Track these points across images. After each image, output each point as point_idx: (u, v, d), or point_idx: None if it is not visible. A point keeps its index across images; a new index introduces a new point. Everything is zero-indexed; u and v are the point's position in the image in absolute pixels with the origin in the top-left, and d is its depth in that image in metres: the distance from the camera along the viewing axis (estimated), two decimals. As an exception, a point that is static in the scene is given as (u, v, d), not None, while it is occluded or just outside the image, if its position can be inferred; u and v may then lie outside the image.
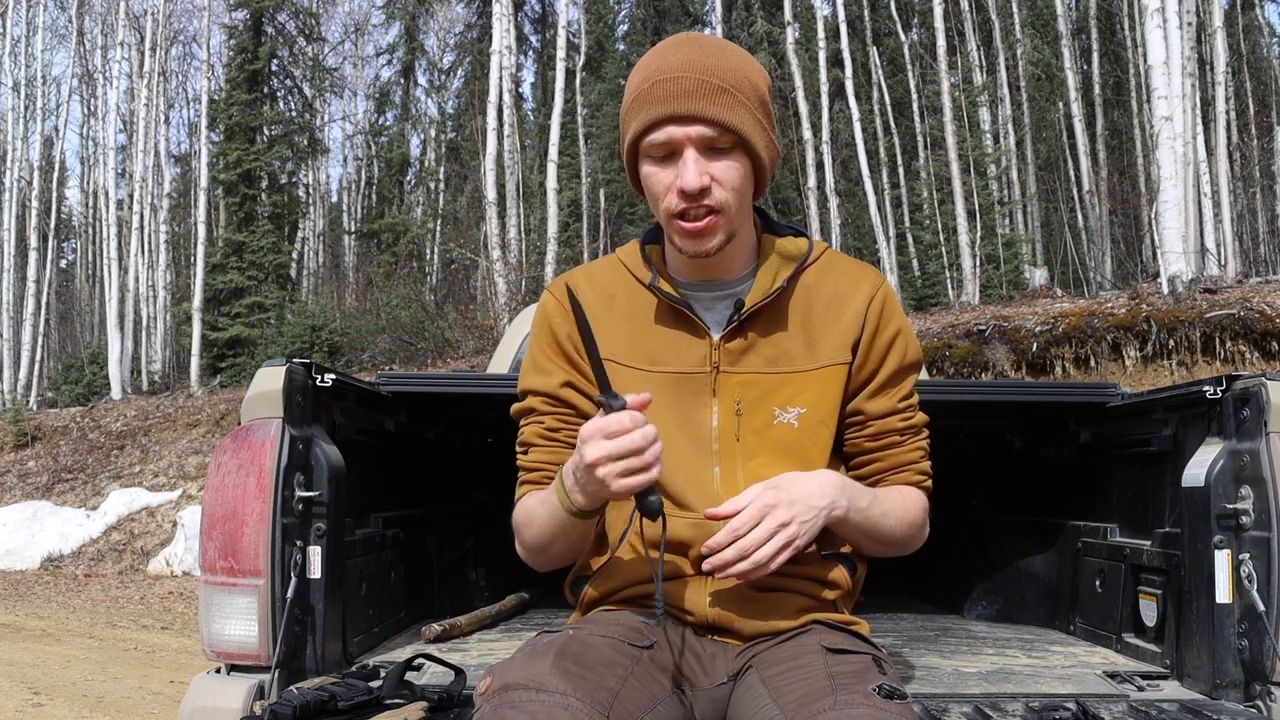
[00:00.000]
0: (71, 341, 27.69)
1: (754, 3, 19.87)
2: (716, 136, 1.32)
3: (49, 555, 12.17)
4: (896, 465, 1.50)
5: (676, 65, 1.33)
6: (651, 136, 1.34)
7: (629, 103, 1.38)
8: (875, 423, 1.48)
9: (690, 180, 1.32)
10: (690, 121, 1.32)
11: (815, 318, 1.46)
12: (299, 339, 17.01)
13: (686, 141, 1.32)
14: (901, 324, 1.49)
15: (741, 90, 1.34)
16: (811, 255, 1.50)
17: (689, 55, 1.34)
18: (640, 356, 1.47)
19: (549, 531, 1.41)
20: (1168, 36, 10.54)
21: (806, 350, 1.45)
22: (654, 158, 1.36)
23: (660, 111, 1.32)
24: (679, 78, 1.32)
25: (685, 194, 1.33)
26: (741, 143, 1.34)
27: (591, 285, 1.53)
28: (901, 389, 1.49)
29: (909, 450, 1.50)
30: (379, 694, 1.54)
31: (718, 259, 1.43)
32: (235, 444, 1.72)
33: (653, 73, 1.35)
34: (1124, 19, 19.15)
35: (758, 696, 1.29)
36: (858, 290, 1.47)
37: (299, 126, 22.93)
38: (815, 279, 1.48)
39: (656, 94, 1.33)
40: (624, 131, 1.41)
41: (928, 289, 16.70)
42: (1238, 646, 1.65)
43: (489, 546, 2.83)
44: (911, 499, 1.49)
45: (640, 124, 1.35)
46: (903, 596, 3.01)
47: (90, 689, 5.14)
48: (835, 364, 1.45)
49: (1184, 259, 10.21)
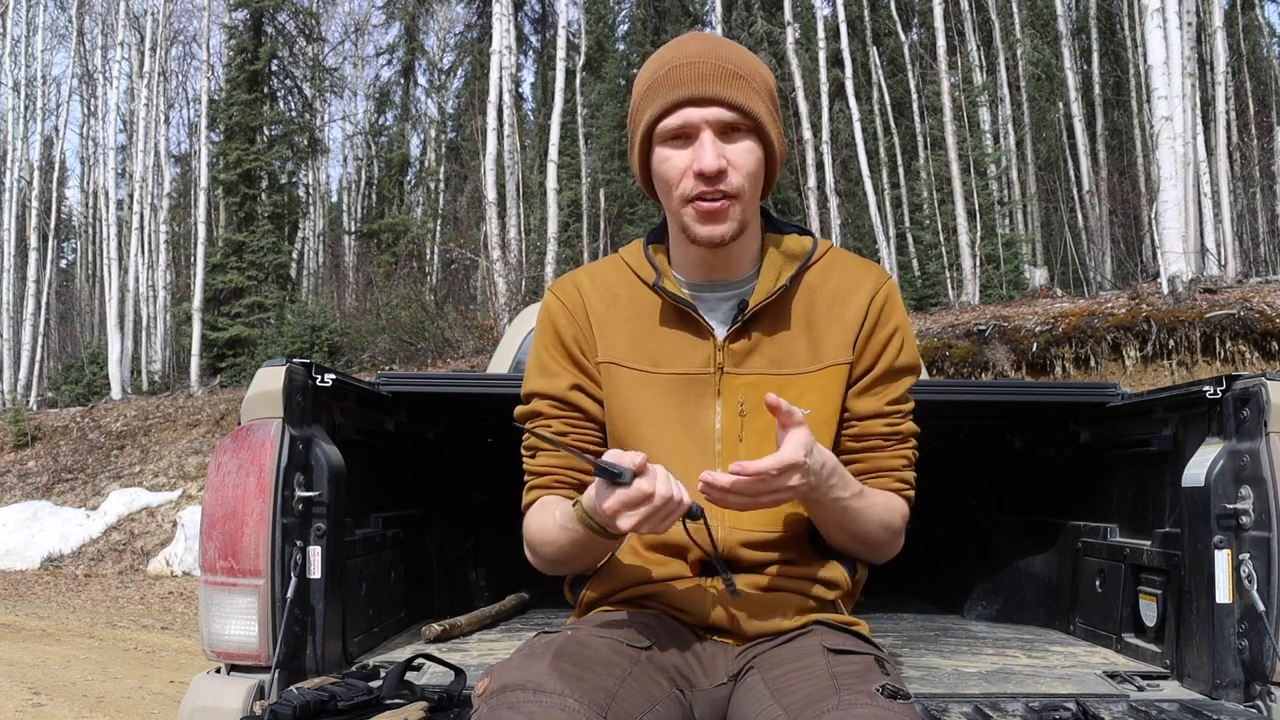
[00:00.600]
0: (71, 341, 27.70)
1: (754, 3, 19.86)
2: (734, 119, 1.34)
3: (49, 555, 12.17)
4: (876, 469, 1.46)
5: (692, 53, 1.36)
6: (668, 121, 1.35)
7: (642, 91, 1.39)
8: (859, 423, 1.46)
9: (709, 161, 1.32)
10: (708, 103, 1.33)
11: (819, 317, 1.46)
12: (299, 339, 17.02)
13: (704, 124, 1.34)
14: (901, 323, 1.47)
15: (754, 79, 1.36)
16: (816, 254, 1.49)
17: (702, 45, 1.38)
18: (643, 358, 1.46)
19: (573, 552, 1.40)
20: (1168, 36, 10.54)
21: (810, 351, 1.44)
22: (669, 143, 1.37)
23: (678, 95, 1.34)
24: (696, 63, 1.35)
25: (703, 176, 1.33)
26: (756, 128, 1.36)
27: (594, 285, 1.52)
28: (891, 391, 1.46)
29: (891, 456, 1.47)
30: (379, 694, 1.54)
31: (724, 257, 1.42)
32: (235, 444, 1.72)
33: (667, 61, 1.37)
34: (1124, 19, 19.15)
35: (760, 697, 1.29)
36: (861, 287, 1.46)
37: (299, 126, 22.93)
38: (819, 277, 1.48)
39: (673, 79, 1.35)
40: (636, 123, 1.40)
41: (928, 289, 16.70)
42: (1238, 646, 1.64)
43: (489, 546, 2.83)
44: (894, 504, 1.46)
45: (657, 108, 1.35)
46: (903, 596, 3.01)
47: (90, 689, 5.14)
48: (837, 364, 1.44)
49: (1184, 259, 10.21)
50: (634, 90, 1.43)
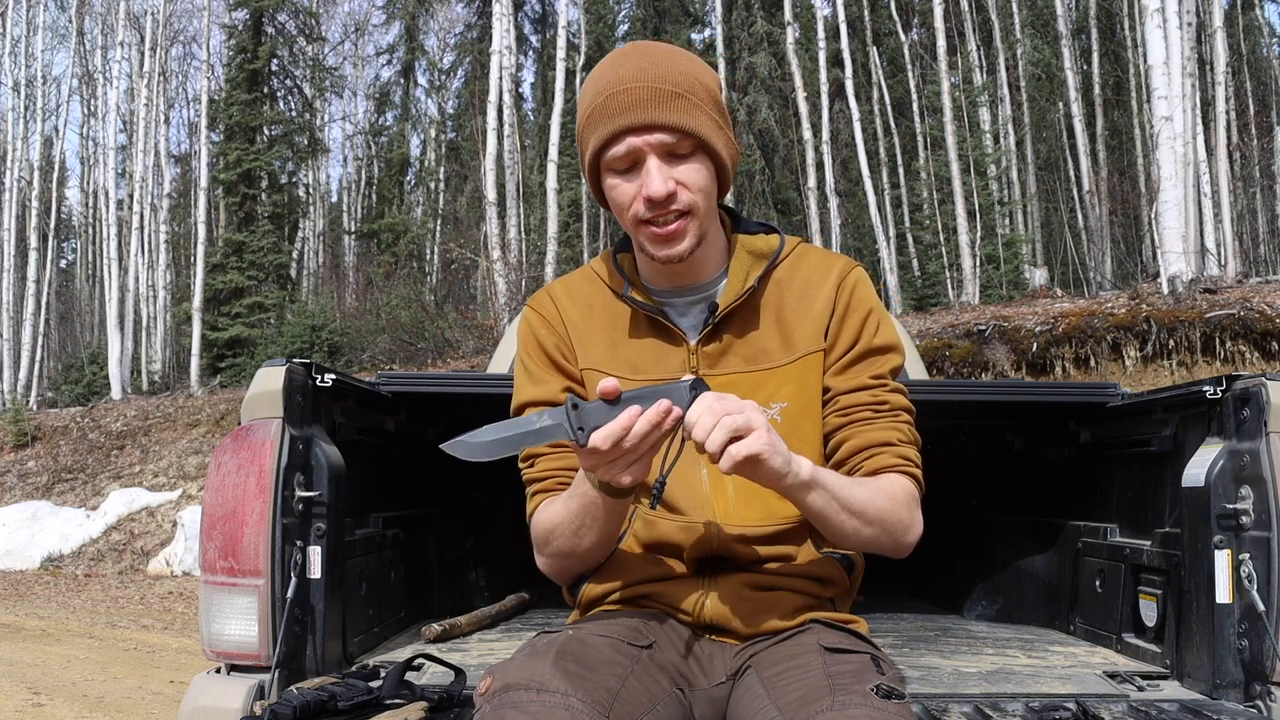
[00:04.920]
0: (71, 341, 27.70)
1: (754, 3, 19.84)
2: (676, 142, 1.33)
3: (49, 555, 12.17)
4: (870, 444, 1.41)
5: (627, 76, 1.33)
6: (612, 150, 1.34)
7: (584, 119, 1.38)
8: (843, 398, 1.43)
9: (656, 187, 1.32)
10: (649, 130, 1.32)
11: (788, 311, 1.46)
12: (299, 339, 17.01)
13: (647, 150, 1.33)
14: (873, 306, 1.46)
15: (694, 93, 1.34)
16: (783, 251, 1.49)
17: (638, 65, 1.34)
18: (621, 364, 1.47)
19: (582, 525, 1.38)
20: (1168, 36, 10.54)
21: (783, 345, 1.45)
22: (617, 170, 1.36)
23: (618, 124, 1.32)
24: (632, 88, 1.32)
25: (652, 201, 1.33)
26: (701, 145, 1.35)
27: (570, 296, 1.54)
28: (872, 368, 1.44)
29: (883, 429, 1.41)
30: (379, 694, 1.54)
31: (689, 263, 1.42)
32: (235, 444, 1.72)
33: (605, 86, 1.35)
34: (1124, 19, 19.16)
35: (756, 697, 1.29)
36: (828, 277, 1.47)
37: (299, 126, 22.93)
38: (787, 274, 1.48)
39: (611, 107, 1.33)
40: (583, 149, 1.40)
41: (928, 289, 16.71)
42: (1238, 646, 1.64)
43: (489, 546, 2.83)
44: (895, 483, 1.39)
45: (599, 138, 1.34)
46: (903, 596, 3.01)
47: (90, 689, 5.13)
48: (811, 353, 1.44)
49: (1184, 259, 10.21)
50: (578, 110, 1.41)
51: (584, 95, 1.39)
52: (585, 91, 1.39)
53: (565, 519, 1.40)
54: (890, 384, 1.45)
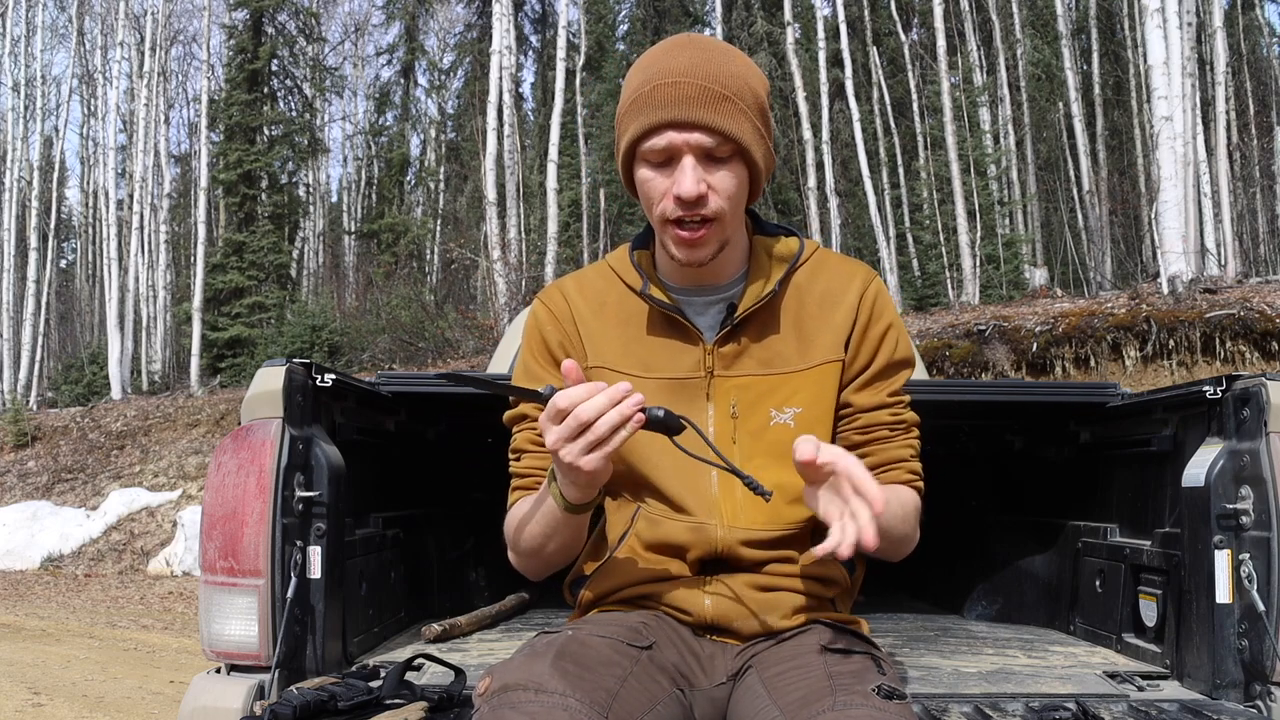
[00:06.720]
0: (71, 341, 27.70)
1: (754, 3, 19.86)
2: (715, 145, 1.31)
3: (49, 555, 12.17)
4: (887, 461, 1.45)
5: (679, 69, 1.31)
6: (650, 141, 1.32)
7: (627, 104, 1.36)
8: (864, 415, 1.45)
9: (688, 188, 1.30)
10: (690, 128, 1.30)
11: (808, 317, 1.46)
12: (299, 339, 17.02)
13: (685, 148, 1.31)
14: (893, 320, 1.48)
15: (742, 98, 1.32)
16: (803, 255, 1.49)
17: (691, 59, 1.32)
18: (634, 362, 1.46)
19: (543, 532, 1.40)
20: (1168, 37, 10.54)
21: (800, 350, 1.44)
22: (651, 162, 1.34)
23: (660, 116, 1.30)
24: (681, 83, 1.30)
25: (682, 201, 1.32)
26: (740, 151, 1.33)
27: (582, 292, 1.53)
28: (891, 384, 1.46)
29: (899, 446, 1.46)
30: (379, 694, 1.54)
31: (709, 266, 1.42)
32: (235, 444, 1.72)
33: (654, 75, 1.32)
34: (1124, 19, 19.16)
35: (757, 697, 1.29)
36: (850, 287, 1.46)
37: (299, 126, 22.93)
38: (807, 279, 1.48)
39: (657, 98, 1.31)
40: (620, 132, 1.39)
41: (928, 289, 16.71)
42: (1238, 646, 1.64)
43: (489, 546, 2.82)
44: (907, 498, 1.45)
45: (639, 128, 1.32)
46: (903, 596, 3.01)
47: (90, 689, 5.13)
48: (829, 362, 1.44)
49: (1184, 259, 10.22)
50: (622, 92, 1.40)
51: (630, 79, 1.37)
52: (632, 75, 1.37)
53: (530, 522, 1.42)
54: (904, 399, 1.48)
